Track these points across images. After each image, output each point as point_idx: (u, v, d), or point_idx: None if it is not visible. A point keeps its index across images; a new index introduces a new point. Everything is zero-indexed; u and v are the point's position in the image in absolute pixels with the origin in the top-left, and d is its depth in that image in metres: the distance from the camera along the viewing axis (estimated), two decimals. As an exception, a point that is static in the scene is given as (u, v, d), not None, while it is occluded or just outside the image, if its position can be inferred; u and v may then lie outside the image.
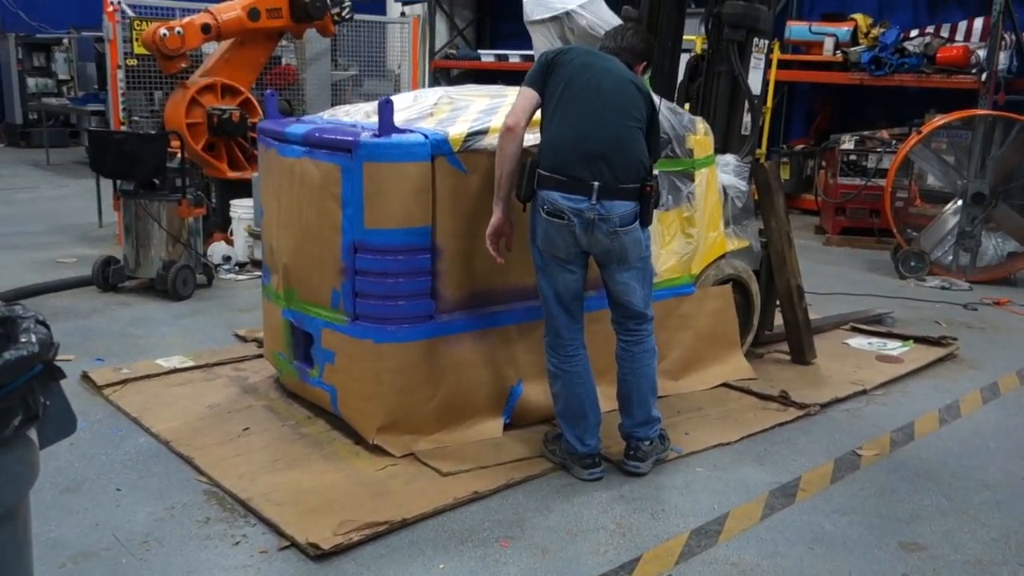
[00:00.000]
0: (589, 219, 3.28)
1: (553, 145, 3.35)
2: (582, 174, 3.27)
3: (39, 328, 1.89)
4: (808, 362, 4.93)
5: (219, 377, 4.50)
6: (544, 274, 3.47)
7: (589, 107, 3.33)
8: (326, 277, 3.71)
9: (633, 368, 3.56)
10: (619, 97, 3.36)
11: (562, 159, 3.30)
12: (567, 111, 3.34)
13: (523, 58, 12.26)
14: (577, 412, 3.52)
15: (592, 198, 3.26)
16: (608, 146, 3.30)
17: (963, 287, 6.97)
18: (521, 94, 3.43)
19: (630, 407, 3.59)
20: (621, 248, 3.36)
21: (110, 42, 7.31)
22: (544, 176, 3.33)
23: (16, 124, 14.81)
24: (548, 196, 3.31)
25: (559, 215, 3.30)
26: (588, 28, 4.14)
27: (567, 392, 3.53)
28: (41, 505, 3.12)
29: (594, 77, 3.37)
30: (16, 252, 7.18)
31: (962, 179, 7.19)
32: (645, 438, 3.58)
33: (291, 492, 3.32)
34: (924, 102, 9.60)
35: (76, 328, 5.26)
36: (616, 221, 3.30)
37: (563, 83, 3.36)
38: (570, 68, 3.38)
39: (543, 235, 3.38)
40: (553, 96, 3.38)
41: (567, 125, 3.33)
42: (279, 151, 3.92)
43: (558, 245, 3.37)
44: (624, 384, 3.59)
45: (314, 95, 8.43)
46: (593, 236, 3.32)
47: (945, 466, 3.80)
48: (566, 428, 3.56)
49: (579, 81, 3.36)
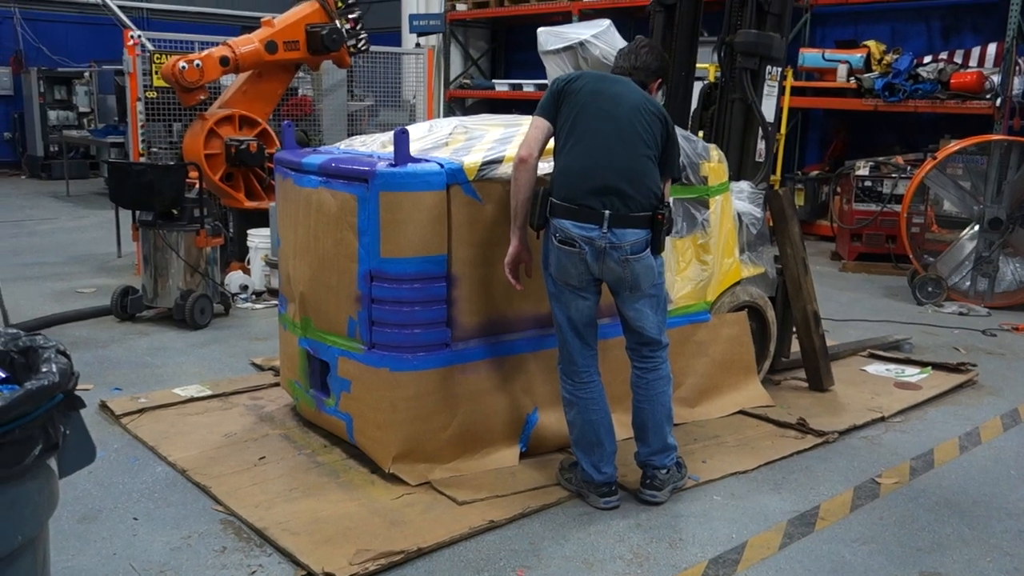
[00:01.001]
0: (600, 247, 3.30)
1: (565, 174, 3.37)
2: (593, 203, 3.29)
3: (60, 358, 1.92)
4: (825, 389, 4.89)
5: (236, 406, 4.52)
6: (557, 301, 3.49)
7: (600, 136, 3.34)
8: (342, 306, 3.73)
9: (648, 395, 3.55)
10: (630, 126, 3.37)
11: (573, 188, 3.32)
12: (578, 140, 3.36)
13: (537, 87, 12.34)
14: (592, 440, 3.51)
15: (603, 227, 3.28)
16: (619, 176, 3.31)
17: (981, 313, 6.92)
18: (533, 124, 3.46)
19: (645, 435, 3.57)
20: (633, 276, 3.37)
21: (130, 75, 7.41)
22: (556, 205, 3.35)
23: (37, 156, 15.01)
24: (560, 224, 3.34)
25: (571, 243, 3.32)
26: (601, 58, 4.17)
27: (582, 419, 3.53)
28: (59, 534, 3.13)
29: (604, 106, 3.38)
30: (36, 282, 7.25)
31: (979, 204, 7.16)
32: (661, 466, 3.57)
33: (307, 521, 3.32)
34: (939, 128, 9.59)
35: (94, 357, 5.30)
36: (627, 249, 3.31)
37: (574, 112, 3.38)
38: (581, 96, 3.40)
39: (555, 263, 3.40)
40: (565, 125, 3.40)
41: (578, 155, 3.35)
42: (296, 181, 3.96)
43: (570, 273, 3.38)
44: (639, 412, 3.58)
45: (330, 125, 8.51)
46: (605, 264, 3.33)
47: (966, 494, 3.75)
48: (582, 456, 3.54)
49: (590, 110, 3.38)
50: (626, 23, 5.08)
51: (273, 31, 7.01)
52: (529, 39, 4.83)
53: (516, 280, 3.53)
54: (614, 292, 3.48)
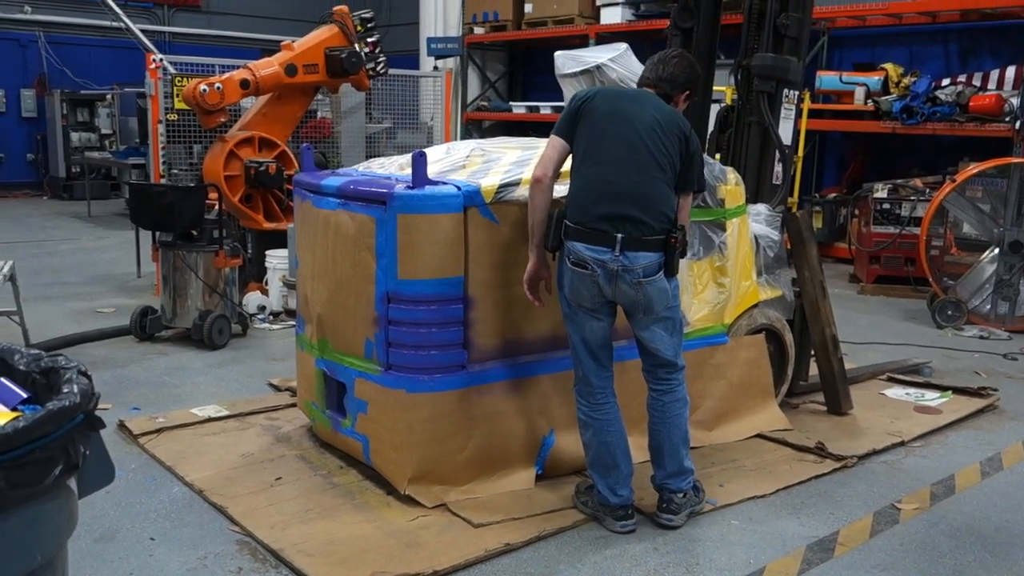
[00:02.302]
0: (612, 270, 3.30)
1: (577, 197, 3.38)
2: (604, 227, 3.30)
3: (80, 379, 1.93)
4: (844, 413, 4.86)
5: (253, 426, 4.53)
6: (571, 322, 3.48)
7: (614, 160, 3.34)
8: (360, 327, 3.75)
9: (664, 418, 3.53)
10: (644, 148, 3.34)
11: (585, 211, 3.33)
12: (593, 163, 3.36)
13: (554, 110, 12.39)
14: (608, 462, 3.49)
15: (615, 250, 3.28)
16: (631, 202, 3.31)
17: (1002, 336, 6.86)
18: (549, 143, 3.47)
19: (661, 458, 3.55)
20: (646, 299, 3.36)
21: (152, 98, 7.51)
22: (569, 227, 3.36)
23: (59, 177, 15.19)
24: (573, 247, 3.34)
25: (583, 265, 3.33)
26: (619, 81, 4.19)
27: (598, 440, 3.51)
28: (77, 554, 3.14)
29: (619, 127, 3.37)
30: (57, 302, 7.32)
31: (998, 227, 7.11)
32: (678, 490, 3.54)
33: (323, 542, 3.32)
34: (957, 150, 9.55)
35: (113, 377, 5.33)
36: (639, 272, 3.31)
37: (588, 133, 3.39)
38: (596, 116, 3.39)
39: (569, 284, 3.40)
40: (580, 146, 3.41)
41: (591, 178, 3.35)
42: (314, 203, 3.99)
43: (583, 294, 3.38)
44: (655, 434, 3.56)
45: (349, 148, 8.57)
46: (617, 287, 3.33)
47: (988, 520, 3.71)
48: (597, 478, 3.53)
49: (604, 131, 3.37)
50: (643, 46, 5.10)
51: (293, 54, 7.09)
52: (546, 62, 4.87)
53: (536, 297, 3.54)
54: (628, 315, 3.47)
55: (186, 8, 17.50)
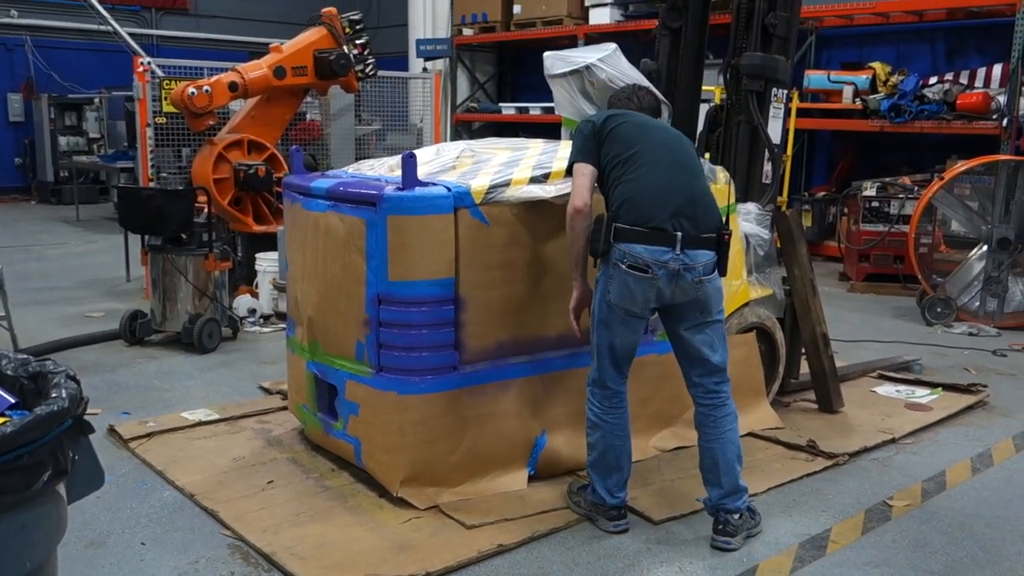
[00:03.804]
0: (674, 269, 3.28)
1: (632, 201, 3.33)
2: (664, 226, 3.28)
3: (69, 383, 1.92)
4: (835, 411, 4.87)
5: (244, 430, 4.52)
6: (606, 328, 3.41)
7: (661, 163, 3.37)
8: (350, 329, 3.74)
9: (717, 434, 3.44)
10: (682, 152, 3.47)
11: (643, 213, 3.30)
12: (639, 168, 3.36)
13: (543, 110, 12.41)
14: (612, 464, 3.47)
15: (676, 248, 3.27)
16: (687, 199, 3.34)
17: (991, 333, 6.89)
18: (579, 172, 3.42)
19: (717, 476, 3.44)
20: (706, 297, 3.37)
21: (140, 101, 7.47)
22: (624, 229, 3.30)
23: (48, 181, 15.12)
24: (630, 249, 3.29)
25: (643, 268, 3.28)
26: (608, 81, 4.18)
27: (605, 443, 3.47)
28: (67, 560, 3.12)
29: (656, 136, 3.46)
30: (46, 307, 7.28)
31: (986, 224, 7.15)
32: (735, 510, 3.43)
33: (315, 546, 3.31)
34: (945, 148, 9.59)
35: (103, 382, 5.31)
36: (700, 270, 3.31)
37: (621, 145, 3.40)
38: (627, 129, 3.43)
39: (620, 289, 3.33)
40: (619, 158, 3.39)
41: (642, 181, 3.34)
42: (304, 205, 3.98)
43: (636, 299, 3.33)
44: (708, 452, 3.47)
45: (338, 150, 8.54)
46: (678, 286, 3.30)
47: (979, 516, 3.72)
48: (597, 479, 3.50)
49: (643, 140, 3.42)
50: (632, 47, 5.10)
51: (281, 57, 7.07)
52: (535, 63, 4.86)
53: (578, 325, 3.53)
54: (680, 320, 3.42)
55: (174, 11, 17.45)
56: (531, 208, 3.70)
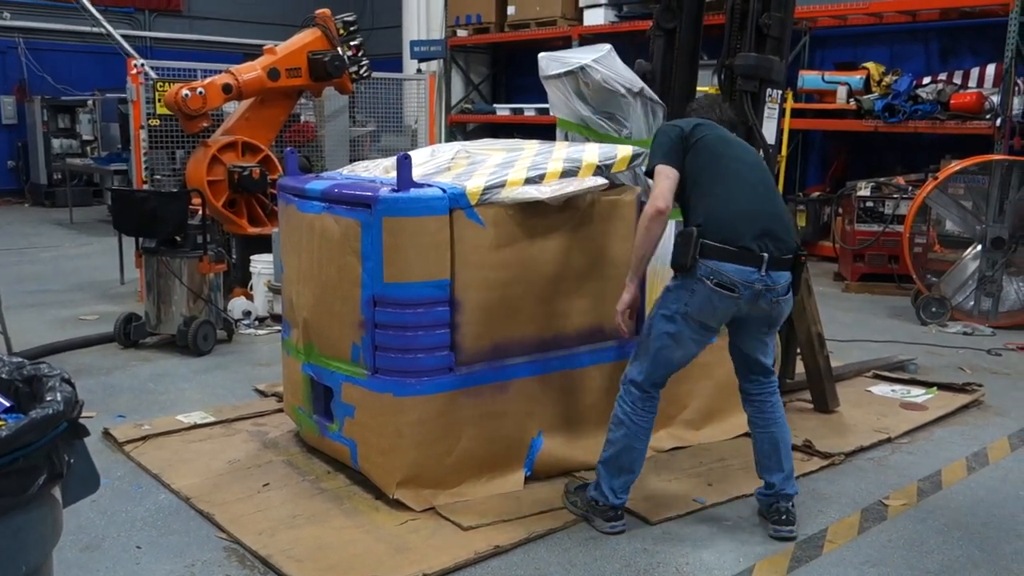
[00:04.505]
0: (758, 290, 3.31)
1: (721, 218, 3.33)
2: (752, 246, 3.30)
3: (64, 386, 1.92)
4: (831, 410, 4.88)
5: (239, 432, 4.51)
6: (673, 340, 3.39)
7: (746, 182, 3.40)
8: (346, 331, 3.73)
9: (775, 417, 3.57)
10: (764, 172, 3.52)
11: (732, 232, 3.30)
12: (725, 185, 3.37)
13: (538, 111, 12.40)
14: (625, 465, 3.47)
15: (761, 270, 3.30)
16: (772, 220, 3.37)
17: (986, 332, 6.91)
18: (663, 174, 3.40)
19: (778, 460, 3.55)
20: (779, 315, 3.45)
21: (133, 103, 7.46)
22: (712, 247, 3.30)
23: (41, 184, 15.07)
24: (718, 267, 3.29)
25: (729, 287, 3.29)
26: (603, 82, 4.18)
27: (626, 443, 3.46)
28: (62, 564, 3.10)
29: (739, 153, 3.49)
30: (40, 310, 7.26)
31: (981, 224, 7.16)
32: (792, 495, 3.55)
33: (311, 548, 3.30)
34: (939, 148, 9.62)
35: (98, 385, 5.29)
36: (779, 291, 3.36)
37: (706, 158, 3.41)
38: (710, 142, 3.45)
39: (703, 304, 3.33)
40: (704, 171, 3.40)
41: (730, 200, 3.36)
42: (299, 207, 3.97)
43: (717, 315, 3.36)
44: (767, 437, 3.57)
45: (333, 151, 8.54)
46: (756, 305, 3.35)
47: (975, 515, 3.73)
48: (605, 476, 3.47)
49: (728, 156, 3.44)
50: (626, 47, 5.11)
51: (275, 58, 7.06)
52: (530, 64, 4.86)
53: (625, 326, 3.52)
54: (745, 331, 3.49)
55: (167, 13, 17.41)
56: (527, 209, 3.70)
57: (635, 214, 4.05)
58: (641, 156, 3.99)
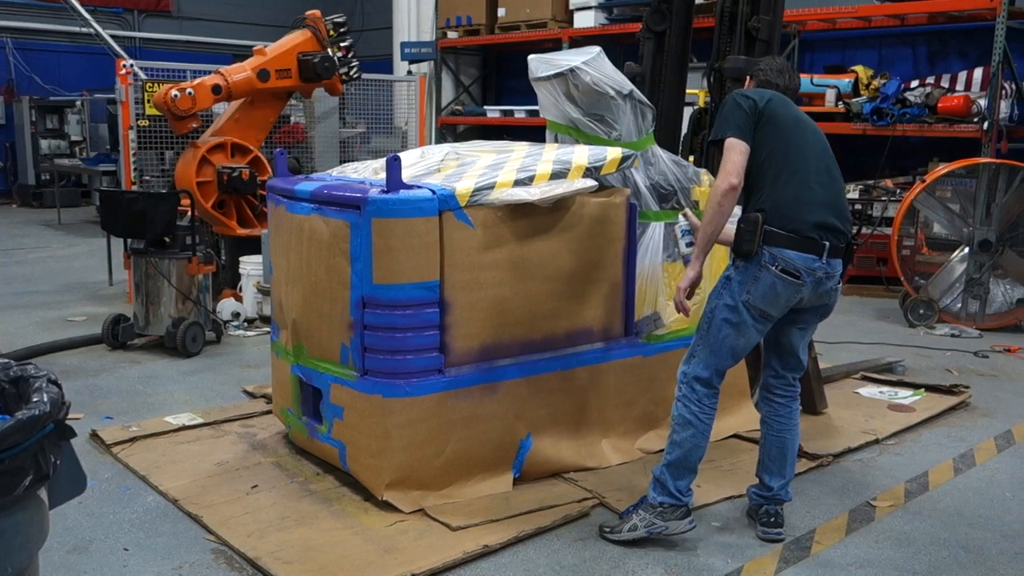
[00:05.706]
0: (819, 278, 3.33)
1: (789, 206, 3.31)
2: (815, 235, 3.30)
3: (51, 387, 1.91)
4: (819, 412, 4.89)
5: (228, 434, 4.49)
6: (736, 329, 3.36)
7: (814, 167, 3.37)
8: (335, 332, 3.73)
9: (791, 424, 3.57)
10: (829, 156, 3.47)
11: (798, 220, 3.29)
12: (792, 169, 3.33)
13: (528, 113, 12.40)
14: (691, 465, 3.43)
15: (823, 258, 3.31)
16: (834, 210, 3.37)
17: (973, 334, 6.95)
18: (734, 148, 3.29)
19: (782, 466, 3.55)
20: (832, 304, 3.49)
21: (122, 104, 7.44)
22: (778, 234, 3.28)
23: (29, 185, 15.00)
24: (784, 255, 3.27)
25: (795, 274, 3.28)
26: (592, 84, 4.19)
27: (694, 443, 3.40)
28: (49, 566, 3.09)
29: (808, 136, 3.42)
30: (27, 311, 7.22)
31: (968, 227, 7.21)
32: (784, 501, 3.57)
33: (300, 550, 3.29)
34: (927, 151, 9.66)
35: (85, 386, 5.27)
36: (837, 279, 3.40)
37: (778, 138, 3.35)
38: (781, 120, 3.36)
39: (767, 291, 3.30)
40: (773, 152, 3.34)
41: (798, 186, 3.33)
42: (288, 208, 3.96)
43: (780, 303, 3.34)
44: (778, 442, 3.56)
45: (322, 152, 8.53)
46: (816, 293, 3.37)
47: (962, 516, 3.75)
48: (672, 479, 3.40)
49: (797, 137, 3.38)
50: (616, 50, 5.12)
51: (265, 59, 7.05)
52: (520, 66, 4.87)
53: (686, 306, 3.44)
54: (796, 320, 3.47)
55: (156, 13, 17.35)
56: (516, 210, 3.70)
57: (624, 216, 4.06)
58: (631, 158, 3.99)
